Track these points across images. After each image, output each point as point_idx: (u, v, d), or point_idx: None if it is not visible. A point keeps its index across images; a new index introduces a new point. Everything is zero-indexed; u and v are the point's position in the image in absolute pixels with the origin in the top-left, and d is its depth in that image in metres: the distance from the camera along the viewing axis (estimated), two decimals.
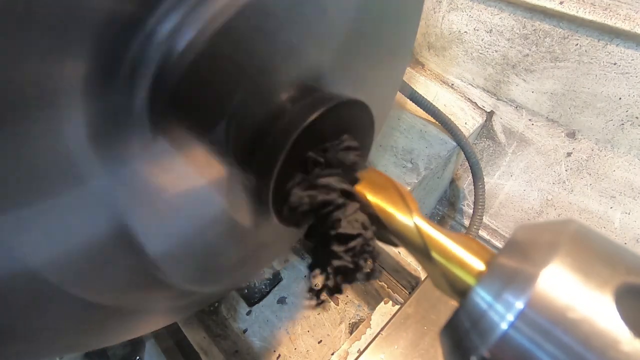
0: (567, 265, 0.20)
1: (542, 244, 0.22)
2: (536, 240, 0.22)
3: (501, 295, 0.21)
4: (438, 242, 0.27)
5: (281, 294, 1.11)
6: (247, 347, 1.02)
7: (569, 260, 0.20)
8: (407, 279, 1.01)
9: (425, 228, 0.28)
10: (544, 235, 0.22)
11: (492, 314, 0.21)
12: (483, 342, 0.20)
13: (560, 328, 0.18)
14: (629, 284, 0.19)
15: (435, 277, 0.28)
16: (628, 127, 0.92)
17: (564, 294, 0.19)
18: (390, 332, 0.84)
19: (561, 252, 0.20)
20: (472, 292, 0.23)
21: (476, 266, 0.25)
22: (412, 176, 1.04)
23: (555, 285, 0.19)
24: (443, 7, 1.09)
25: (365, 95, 0.42)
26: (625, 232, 1.03)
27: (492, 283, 0.22)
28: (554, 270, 0.20)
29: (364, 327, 0.92)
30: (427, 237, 0.28)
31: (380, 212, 0.32)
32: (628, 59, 0.85)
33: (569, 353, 0.18)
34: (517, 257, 0.22)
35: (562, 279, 0.19)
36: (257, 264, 0.85)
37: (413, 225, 0.29)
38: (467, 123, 1.12)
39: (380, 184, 0.34)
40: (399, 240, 0.31)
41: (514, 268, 0.22)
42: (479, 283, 0.23)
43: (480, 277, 0.24)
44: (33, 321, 0.38)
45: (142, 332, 0.65)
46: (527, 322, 0.19)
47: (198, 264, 0.56)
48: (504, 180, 1.20)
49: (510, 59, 1.03)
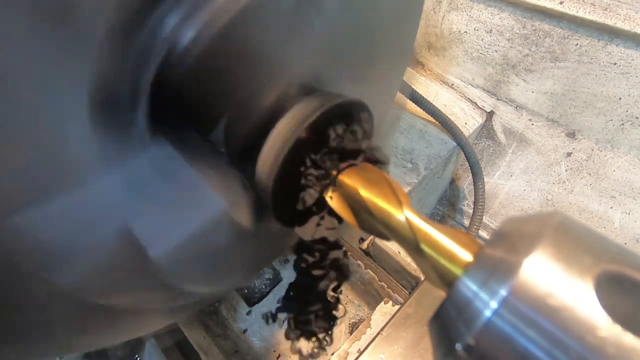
0: (549, 255, 0.20)
1: (526, 234, 0.22)
2: (521, 231, 0.23)
3: (486, 284, 0.21)
4: (428, 234, 0.28)
5: (281, 294, 1.10)
6: (247, 347, 1.02)
7: (552, 249, 0.20)
8: (407, 279, 1.01)
9: (415, 221, 0.29)
10: (529, 227, 0.23)
11: (477, 302, 0.21)
12: (468, 329, 0.21)
13: (541, 314, 0.19)
14: (609, 272, 0.19)
15: (425, 269, 0.28)
16: (628, 127, 0.91)
17: (546, 282, 0.19)
18: (390, 332, 0.84)
19: (544, 242, 0.20)
20: (459, 282, 0.23)
21: (464, 257, 0.25)
22: (412, 176, 1.04)
23: (537, 274, 0.20)
24: (443, 7, 1.09)
25: (365, 95, 0.42)
26: (625, 232, 1.02)
27: (478, 273, 0.23)
28: (537, 259, 0.20)
29: (364, 327, 0.92)
30: (417, 230, 0.28)
31: (372, 206, 0.32)
32: (628, 59, 0.85)
33: (549, 338, 0.18)
34: (502, 247, 0.23)
35: (544, 268, 0.20)
36: (257, 264, 0.85)
37: (404, 219, 0.29)
38: (467, 123, 1.12)
39: (372, 179, 0.35)
40: (390, 233, 0.31)
41: (499, 258, 0.22)
42: (465, 273, 0.23)
43: (467, 267, 0.24)
44: (33, 321, 0.38)
45: (142, 332, 0.65)
46: (510, 309, 0.20)
47: (198, 264, 0.56)
48: (504, 180, 1.20)
49: (510, 59, 1.03)
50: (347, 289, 1.11)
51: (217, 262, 0.60)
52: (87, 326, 0.47)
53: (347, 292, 1.11)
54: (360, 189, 0.34)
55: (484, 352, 0.20)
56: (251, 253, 0.72)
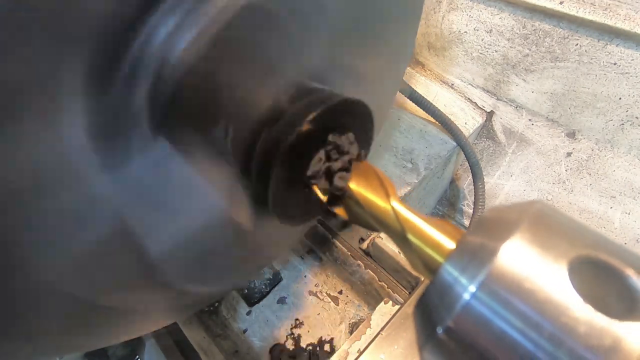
0: (526, 240, 0.21)
1: (506, 221, 0.23)
2: (502, 218, 0.24)
3: (466, 269, 0.22)
4: (414, 224, 0.29)
5: (281, 294, 1.11)
6: (247, 347, 1.02)
7: (529, 235, 0.21)
8: (407, 279, 1.01)
9: (402, 212, 0.30)
10: (509, 214, 0.23)
11: (457, 286, 0.22)
12: (448, 313, 0.21)
13: (517, 297, 0.19)
14: (583, 257, 0.20)
15: (411, 259, 0.29)
16: (628, 127, 0.91)
17: (522, 266, 0.20)
18: (390, 332, 0.84)
19: (522, 228, 0.21)
20: (442, 268, 0.24)
21: (447, 246, 0.26)
22: (412, 176, 1.04)
23: (514, 258, 0.20)
24: (443, 7, 1.09)
25: (365, 95, 0.43)
26: (625, 232, 1.02)
27: (459, 259, 0.23)
28: (514, 244, 0.21)
29: (364, 327, 0.92)
30: (404, 221, 0.29)
31: (361, 198, 0.33)
32: (628, 59, 0.85)
33: (524, 319, 0.19)
34: (482, 234, 0.23)
35: (520, 253, 0.20)
36: (257, 264, 0.85)
37: (391, 210, 0.30)
38: (467, 123, 1.12)
39: (361, 172, 0.35)
40: (378, 224, 0.32)
41: (479, 244, 0.23)
42: (447, 260, 0.24)
43: (450, 254, 0.25)
44: (33, 321, 0.38)
45: (143, 332, 0.65)
46: (488, 292, 0.20)
47: (198, 264, 0.56)
48: (504, 180, 1.19)
49: (510, 59, 1.03)
50: (347, 288, 1.11)
51: (217, 261, 0.60)
52: (87, 326, 0.47)
53: (347, 292, 1.11)
54: (350, 182, 0.35)
55: (463, 334, 0.21)
56: (251, 253, 0.72)
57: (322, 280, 1.14)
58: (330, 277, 1.13)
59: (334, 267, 1.14)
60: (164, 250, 0.46)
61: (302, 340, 1.03)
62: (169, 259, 0.48)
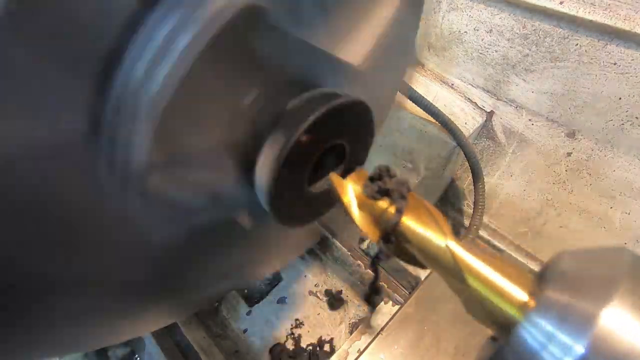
0: (628, 305, 0.18)
1: (596, 278, 0.20)
2: (588, 272, 0.21)
3: (556, 336, 0.19)
4: (473, 266, 0.26)
5: (281, 294, 1.11)
6: (247, 347, 1.02)
7: (630, 298, 0.18)
8: (407, 279, 1.01)
9: (458, 252, 0.27)
10: (597, 267, 0.21)
11: (546, 356, 0.19)
12: None
13: None
14: None
15: (469, 303, 0.26)
16: (628, 127, 0.91)
17: (627, 337, 0.17)
18: (390, 332, 0.84)
19: (620, 289, 0.18)
20: (520, 328, 0.21)
21: (518, 296, 0.23)
22: (412, 176, 1.04)
23: (616, 327, 0.17)
24: (443, 7, 1.09)
25: (366, 95, 0.42)
26: (625, 232, 1.02)
27: (543, 320, 0.20)
28: (615, 310, 0.18)
29: (364, 327, 0.92)
30: (461, 261, 0.26)
31: (412, 235, 0.31)
32: (628, 59, 0.85)
33: None
34: (567, 291, 0.20)
35: (623, 320, 0.17)
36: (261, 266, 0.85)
37: (445, 248, 0.28)
38: (467, 123, 1.12)
39: (412, 207, 0.33)
40: (431, 263, 0.30)
41: (567, 304, 0.20)
42: (526, 318, 0.21)
43: (525, 310, 0.22)
44: (33, 320, 0.38)
45: (142, 332, 0.65)
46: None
47: (199, 264, 0.56)
48: (504, 180, 1.19)
49: (510, 59, 1.03)
50: (347, 289, 1.11)
51: (217, 261, 0.60)
52: (87, 326, 0.47)
53: (347, 292, 1.11)
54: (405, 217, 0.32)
55: None
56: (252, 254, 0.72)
57: (322, 280, 1.14)
58: (330, 277, 1.13)
59: (334, 267, 1.14)
60: (163, 250, 0.46)
61: (302, 340, 1.03)
62: (171, 259, 0.48)
